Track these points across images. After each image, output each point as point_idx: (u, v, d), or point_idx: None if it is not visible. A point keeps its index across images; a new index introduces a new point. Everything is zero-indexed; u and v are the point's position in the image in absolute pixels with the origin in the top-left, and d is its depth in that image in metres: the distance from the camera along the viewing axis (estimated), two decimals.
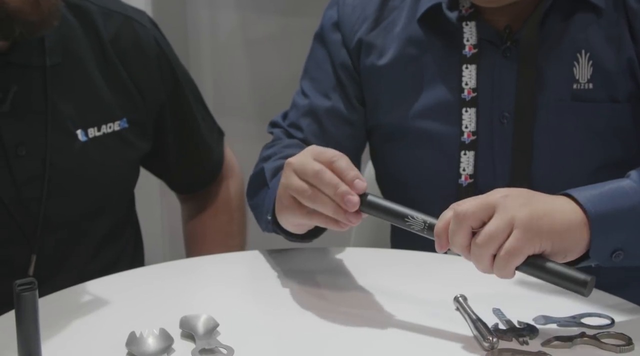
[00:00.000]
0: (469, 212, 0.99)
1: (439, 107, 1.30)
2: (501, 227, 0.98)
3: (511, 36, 1.26)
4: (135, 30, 1.40)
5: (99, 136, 1.35)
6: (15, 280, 0.93)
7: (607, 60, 1.24)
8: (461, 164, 1.29)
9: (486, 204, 1.00)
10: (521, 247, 0.98)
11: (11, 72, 1.27)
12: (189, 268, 1.27)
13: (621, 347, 0.99)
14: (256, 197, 1.31)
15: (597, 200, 1.03)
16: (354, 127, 1.38)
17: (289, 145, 1.36)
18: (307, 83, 1.40)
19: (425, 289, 1.14)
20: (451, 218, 1.01)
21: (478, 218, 0.99)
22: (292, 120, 1.40)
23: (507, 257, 0.98)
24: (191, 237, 1.59)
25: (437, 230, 1.02)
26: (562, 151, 1.27)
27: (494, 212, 0.99)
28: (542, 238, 0.99)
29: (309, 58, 1.42)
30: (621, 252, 1.03)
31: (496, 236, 0.98)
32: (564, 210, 1.02)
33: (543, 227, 0.99)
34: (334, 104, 1.37)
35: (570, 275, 0.98)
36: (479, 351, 0.99)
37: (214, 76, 2.43)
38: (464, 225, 0.99)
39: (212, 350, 1.00)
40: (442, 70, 1.30)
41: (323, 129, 1.37)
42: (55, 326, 1.06)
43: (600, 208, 1.02)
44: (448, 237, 1.01)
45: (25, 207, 1.29)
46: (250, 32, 2.39)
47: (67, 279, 1.21)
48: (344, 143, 1.37)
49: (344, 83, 1.37)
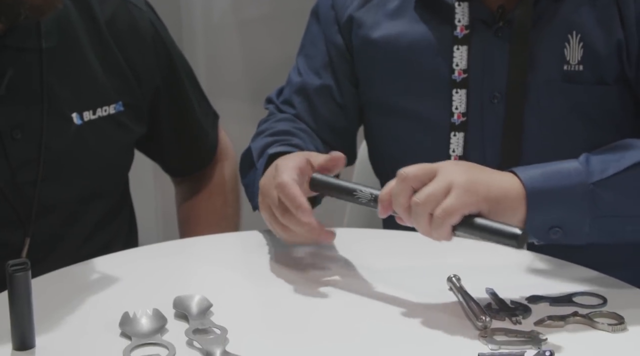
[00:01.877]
0: (411, 173, 1.04)
1: (429, 88, 1.30)
2: (439, 188, 1.02)
3: (504, 16, 1.26)
4: (131, 13, 1.40)
5: (94, 119, 1.34)
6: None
7: (597, 42, 1.24)
8: (451, 145, 1.29)
9: (429, 168, 1.05)
10: (457, 206, 1.01)
11: (7, 56, 1.27)
12: (183, 248, 1.27)
13: (613, 326, 0.99)
14: (246, 176, 1.32)
15: (537, 177, 1.07)
16: (344, 107, 1.38)
17: (280, 120, 1.37)
18: (302, 59, 1.41)
19: (419, 269, 1.15)
20: (394, 182, 1.05)
21: (419, 180, 1.04)
22: (285, 97, 1.40)
23: (443, 216, 1.01)
24: (185, 219, 1.59)
25: (381, 196, 1.07)
26: (553, 132, 1.27)
27: (435, 176, 1.04)
28: (478, 200, 1.03)
29: (305, 34, 1.42)
30: (559, 229, 1.07)
31: (434, 195, 1.02)
32: (502, 181, 1.07)
33: (480, 191, 1.03)
34: (325, 83, 1.37)
35: (501, 229, 1.00)
36: (472, 331, 0.99)
37: (207, 58, 2.42)
38: (405, 185, 1.04)
39: (205, 330, 1.00)
40: (433, 50, 1.30)
41: (313, 107, 1.37)
42: (49, 306, 1.06)
43: (538, 184, 1.07)
44: (391, 202, 1.05)
45: (19, 191, 1.29)
46: (243, 13, 2.38)
47: (60, 261, 1.21)
48: (333, 122, 1.37)
49: (335, 63, 1.37)
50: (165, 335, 1.00)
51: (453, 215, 1.01)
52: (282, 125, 1.35)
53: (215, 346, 0.96)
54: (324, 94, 1.37)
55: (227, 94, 2.36)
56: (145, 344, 0.98)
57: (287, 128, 1.33)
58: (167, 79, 1.44)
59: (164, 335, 1.00)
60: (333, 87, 1.37)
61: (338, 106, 1.38)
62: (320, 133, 1.37)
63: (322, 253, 1.20)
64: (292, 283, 1.12)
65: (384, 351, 0.97)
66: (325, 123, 1.38)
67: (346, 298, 1.08)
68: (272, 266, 1.17)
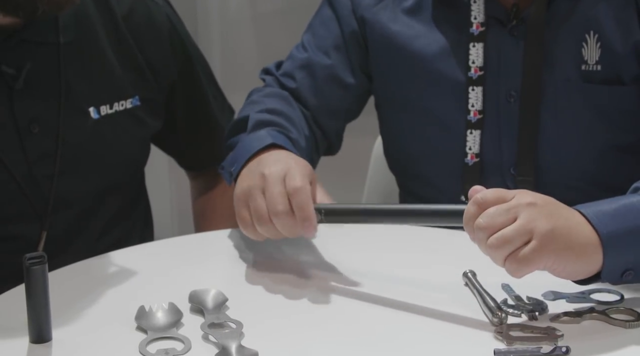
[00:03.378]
0: (488, 199, 0.97)
1: (446, 86, 1.30)
2: (518, 235, 0.96)
3: (519, 14, 1.26)
4: (147, 7, 1.40)
5: (111, 114, 1.34)
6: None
7: (615, 42, 1.24)
8: (467, 143, 1.29)
9: (505, 196, 0.98)
10: (535, 261, 0.96)
11: (25, 49, 1.27)
12: (198, 243, 1.28)
13: (630, 323, 0.99)
14: (233, 138, 1.30)
15: (609, 219, 1.00)
16: (348, 90, 1.37)
17: (269, 94, 1.35)
18: (309, 37, 1.40)
19: (434, 264, 1.14)
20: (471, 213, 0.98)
21: (498, 226, 0.97)
22: (286, 70, 1.39)
23: (517, 265, 0.96)
24: (200, 213, 1.59)
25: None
26: (569, 132, 1.26)
27: (516, 218, 0.97)
28: (556, 253, 0.97)
29: (315, 15, 1.41)
30: (632, 272, 1.01)
31: (511, 241, 0.96)
32: (579, 233, 0.99)
33: (559, 243, 0.97)
34: (333, 63, 1.36)
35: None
36: (487, 327, 0.99)
37: (223, 52, 2.42)
38: (479, 211, 0.97)
39: (221, 324, 1.00)
40: (449, 48, 1.29)
41: (316, 85, 1.37)
42: (65, 300, 1.06)
43: (612, 228, 0.99)
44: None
45: (36, 184, 1.29)
46: (259, 7, 2.38)
47: (76, 255, 1.22)
48: (332, 103, 1.37)
49: (350, 48, 1.36)
50: (181, 329, 1.01)
51: (529, 267, 0.97)
52: (277, 103, 1.32)
53: (230, 340, 0.96)
54: (330, 75, 1.36)
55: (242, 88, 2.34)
56: (161, 338, 0.98)
57: (285, 111, 1.31)
58: (183, 74, 1.44)
59: (179, 329, 1.00)
60: (343, 70, 1.36)
61: (343, 89, 1.37)
62: (316, 112, 1.36)
63: (336, 247, 1.20)
64: (307, 277, 1.13)
65: (399, 346, 0.97)
66: (325, 104, 1.37)
67: (361, 293, 1.08)
68: (287, 260, 1.17)
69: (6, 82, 1.26)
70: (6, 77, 1.25)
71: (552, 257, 0.97)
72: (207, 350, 0.96)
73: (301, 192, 1.08)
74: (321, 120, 1.37)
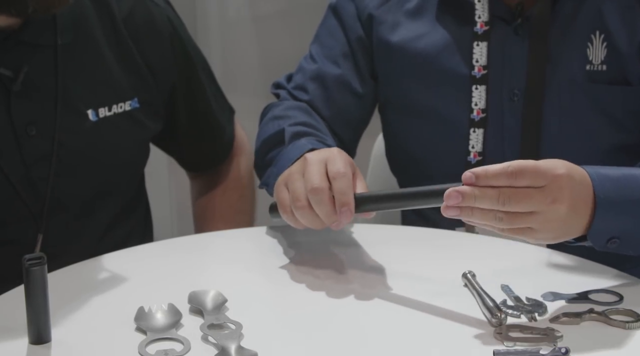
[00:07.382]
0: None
1: (449, 85, 1.30)
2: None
3: (523, 13, 1.26)
4: (148, 9, 1.40)
5: (109, 116, 1.34)
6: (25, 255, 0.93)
7: (621, 43, 1.24)
8: (470, 141, 1.29)
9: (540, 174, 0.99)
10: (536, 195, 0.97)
11: (22, 51, 1.27)
12: (198, 243, 1.27)
13: (629, 323, 0.99)
14: (270, 153, 1.28)
15: (610, 183, 1.02)
16: (360, 98, 1.37)
17: (291, 108, 1.35)
18: (317, 48, 1.40)
19: (434, 265, 1.14)
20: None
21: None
22: (297, 83, 1.40)
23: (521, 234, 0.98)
24: (201, 214, 1.59)
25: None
26: (573, 131, 1.26)
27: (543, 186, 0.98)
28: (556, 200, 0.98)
29: (321, 25, 1.41)
30: (617, 240, 1.03)
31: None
32: (580, 186, 1.01)
33: (565, 193, 0.98)
34: (343, 72, 1.37)
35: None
36: (487, 328, 0.99)
37: (223, 53, 2.42)
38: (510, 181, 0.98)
39: (220, 325, 1.00)
40: (453, 47, 1.30)
41: (329, 95, 1.37)
42: (64, 301, 1.06)
43: (610, 193, 1.02)
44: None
45: (33, 187, 1.29)
46: (259, 9, 2.38)
47: (76, 257, 1.21)
48: (346, 112, 1.37)
49: (358, 54, 1.36)
50: (181, 329, 1.01)
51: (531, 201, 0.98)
52: (303, 115, 1.31)
53: (230, 341, 0.96)
54: (342, 83, 1.37)
55: (242, 90, 2.36)
56: (160, 339, 0.98)
57: (312, 123, 1.31)
58: (183, 75, 1.44)
59: (179, 330, 1.00)
60: (353, 78, 1.37)
61: (355, 97, 1.37)
62: (332, 122, 1.37)
63: (336, 248, 1.20)
64: (306, 278, 1.13)
65: (398, 346, 0.97)
66: (339, 113, 1.37)
67: (360, 294, 1.08)
68: (287, 261, 1.17)
69: (3, 84, 1.25)
70: (3, 79, 1.25)
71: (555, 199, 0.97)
72: (207, 351, 0.96)
73: (344, 177, 1.06)
74: (337, 129, 1.37)
